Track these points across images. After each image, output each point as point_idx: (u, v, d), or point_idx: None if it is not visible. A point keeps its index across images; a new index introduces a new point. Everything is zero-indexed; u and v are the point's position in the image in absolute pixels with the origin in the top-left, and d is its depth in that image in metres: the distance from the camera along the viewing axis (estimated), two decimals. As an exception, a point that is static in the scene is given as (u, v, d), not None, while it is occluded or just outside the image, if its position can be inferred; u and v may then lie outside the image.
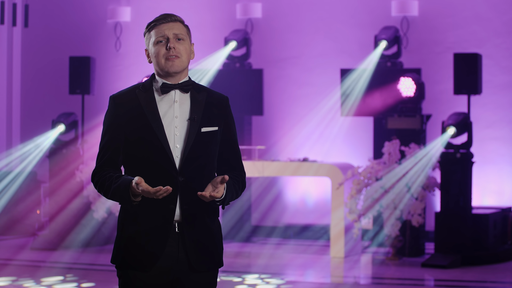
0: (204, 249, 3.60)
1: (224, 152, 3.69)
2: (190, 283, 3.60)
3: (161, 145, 3.53)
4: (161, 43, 3.58)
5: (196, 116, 3.59)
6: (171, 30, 3.58)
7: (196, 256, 3.58)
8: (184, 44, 3.60)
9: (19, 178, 11.33)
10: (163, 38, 3.58)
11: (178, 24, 3.61)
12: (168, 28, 3.58)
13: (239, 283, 8.22)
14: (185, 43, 3.61)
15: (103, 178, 3.57)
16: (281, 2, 11.80)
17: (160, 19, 3.61)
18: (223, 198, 3.54)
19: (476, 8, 11.07)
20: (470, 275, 8.81)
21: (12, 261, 9.55)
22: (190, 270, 3.58)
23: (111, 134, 3.60)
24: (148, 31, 3.63)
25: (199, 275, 3.60)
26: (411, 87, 9.92)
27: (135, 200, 3.49)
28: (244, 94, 11.05)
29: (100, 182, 3.59)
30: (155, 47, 3.59)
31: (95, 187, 3.64)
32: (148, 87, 3.63)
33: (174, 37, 3.58)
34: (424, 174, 9.49)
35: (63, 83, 12.04)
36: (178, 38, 3.59)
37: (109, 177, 3.55)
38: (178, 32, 3.59)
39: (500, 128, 10.95)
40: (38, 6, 12.69)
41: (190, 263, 3.57)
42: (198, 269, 3.59)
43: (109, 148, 3.60)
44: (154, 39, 3.59)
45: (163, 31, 3.58)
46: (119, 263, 3.62)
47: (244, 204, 11.27)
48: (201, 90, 3.67)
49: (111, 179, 3.54)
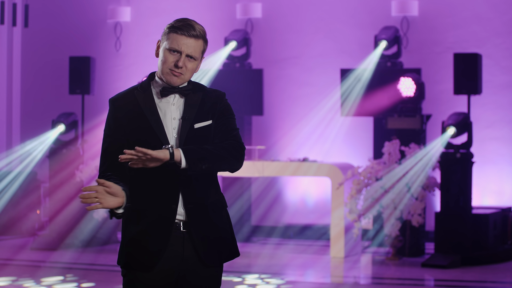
0: (213, 244, 3.61)
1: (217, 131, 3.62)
2: (195, 280, 3.60)
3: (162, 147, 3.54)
4: (174, 53, 3.55)
5: (188, 115, 3.58)
6: (188, 48, 3.54)
7: (207, 252, 3.59)
8: (193, 63, 3.58)
9: (19, 178, 11.33)
10: (177, 51, 3.54)
11: (199, 42, 3.57)
12: (186, 44, 3.54)
13: (239, 283, 8.22)
14: (195, 63, 3.59)
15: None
16: (281, 2, 11.80)
17: (183, 29, 3.54)
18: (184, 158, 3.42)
19: (476, 8, 11.07)
20: (470, 275, 8.80)
21: (12, 261, 9.55)
22: (202, 266, 3.58)
23: (112, 137, 3.60)
24: (168, 32, 3.57)
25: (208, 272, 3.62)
26: (411, 87, 9.92)
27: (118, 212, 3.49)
28: (244, 94, 11.05)
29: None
30: (166, 53, 3.56)
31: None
32: (146, 88, 3.63)
33: (187, 56, 3.55)
34: (424, 174, 9.49)
35: (63, 83, 12.04)
36: (190, 57, 3.56)
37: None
38: (193, 53, 3.55)
39: (500, 128, 10.95)
40: (38, 6, 12.69)
41: (201, 259, 3.57)
42: (211, 264, 3.60)
43: (111, 152, 3.60)
44: (169, 45, 3.55)
45: (180, 45, 3.54)
46: (123, 264, 3.63)
47: (244, 204, 11.27)
48: (198, 90, 3.67)
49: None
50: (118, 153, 3.50)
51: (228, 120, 3.65)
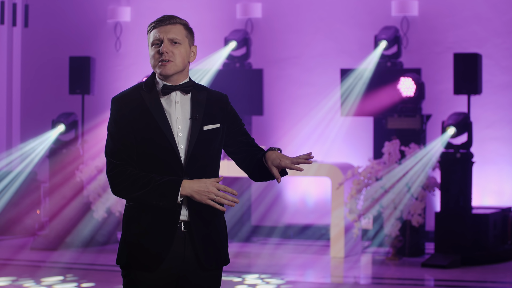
0: (212, 247, 3.63)
1: (241, 139, 3.74)
2: (196, 282, 3.61)
3: (170, 146, 3.54)
4: (156, 45, 3.59)
5: (197, 115, 3.60)
6: (167, 34, 3.58)
7: (205, 254, 3.60)
8: (179, 48, 3.59)
9: (19, 178, 11.33)
10: (158, 41, 3.59)
11: (177, 27, 3.61)
12: (165, 31, 3.58)
13: (239, 283, 8.22)
14: (181, 47, 3.60)
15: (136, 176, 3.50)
16: (281, 2, 11.80)
17: (158, 21, 3.62)
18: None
19: (476, 8, 11.07)
20: (470, 275, 8.80)
21: (12, 261, 9.55)
22: (200, 269, 3.59)
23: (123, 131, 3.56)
24: (148, 32, 3.65)
25: (206, 273, 3.62)
26: (411, 87, 9.92)
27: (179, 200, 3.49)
28: (244, 94, 11.05)
29: (132, 178, 3.50)
30: (151, 49, 3.62)
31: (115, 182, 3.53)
32: (152, 87, 3.64)
33: (169, 41, 3.58)
34: (424, 174, 9.49)
35: (63, 83, 12.04)
36: (173, 41, 3.59)
37: (145, 175, 3.49)
38: (173, 36, 3.58)
39: (500, 128, 10.95)
40: (38, 6, 12.69)
41: (199, 261, 3.58)
42: (208, 267, 3.61)
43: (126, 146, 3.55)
44: (151, 40, 3.61)
45: (159, 34, 3.59)
46: (124, 264, 3.62)
47: (244, 204, 11.27)
48: (201, 89, 3.69)
49: (149, 177, 3.49)
50: (130, 150, 3.52)
51: (240, 121, 3.77)
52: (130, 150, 3.55)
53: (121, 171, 3.52)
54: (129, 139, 3.56)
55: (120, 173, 3.53)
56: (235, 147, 3.74)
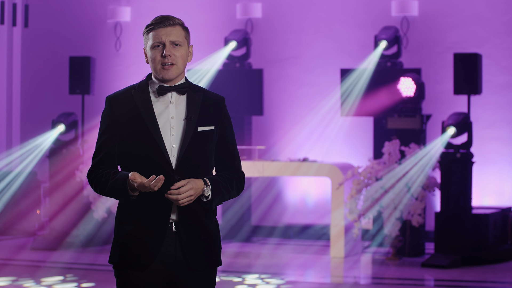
0: (201, 248, 3.61)
1: (219, 152, 3.70)
2: (188, 282, 3.61)
3: (156, 145, 3.54)
4: (158, 48, 3.58)
5: (192, 115, 3.60)
6: (168, 37, 3.57)
7: (193, 255, 3.59)
8: (180, 50, 3.59)
9: (19, 178, 11.33)
10: (159, 44, 3.57)
11: (177, 28, 3.59)
12: (166, 34, 3.57)
13: (239, 283, 8.22)
14: (182, 49, 3.60)
15: (99, 175, 3.59)
16: (281, 2, 11.80)
17: (158, 23, 3.59)
18: (210, 199, 3.56)
19: (476, 8, 11.07)
20: (470, 275, 8.81)
21: (12, 261, 9.55)
22: (188, 269, 3.60)
23: (108, 133, 3.61)
24: (147, 33, 3.62)
25: (197, 274, 3.62)
26: (411, 87, 9.92)
27: (133, 194, 3.50)
28: (244, 94, 11.05)
29: (96, 179, 3.60)
30: (151, 51, 3.60)
31: (90, 185, 3.64)
32: (144, 88, 3.64)
33: (171, 43, 3.57)
34: (424, 174, 9.49)
35: (63, 83, 12.04)
36: (175, 44, 3.58)
37: (106, 173, 3.57)
38: (175, 39, 3.58)
39: (500, 128, 10.95)
40: (38, 6, 12.69)
41: (187, 262, 3.58)
42: (196, 268, 3.60)
43: (105, 148, 3.61)
44: (151, 43, 3.59)
45: (160, 36, 3.57)
46: (117, 263, 3.65)
47: (244, 204, 11.27)
48: (197, 90, 3.68)
49: (108, 175, 3.56)
50: (112, 149, 3.59)
51: (230, 132, 3.71)
52: (111, 152, 3.60)
53: (92, 171, 3.62)
54: (113, 139, 3.59)
55: (91, 174, 3.63)
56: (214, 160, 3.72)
